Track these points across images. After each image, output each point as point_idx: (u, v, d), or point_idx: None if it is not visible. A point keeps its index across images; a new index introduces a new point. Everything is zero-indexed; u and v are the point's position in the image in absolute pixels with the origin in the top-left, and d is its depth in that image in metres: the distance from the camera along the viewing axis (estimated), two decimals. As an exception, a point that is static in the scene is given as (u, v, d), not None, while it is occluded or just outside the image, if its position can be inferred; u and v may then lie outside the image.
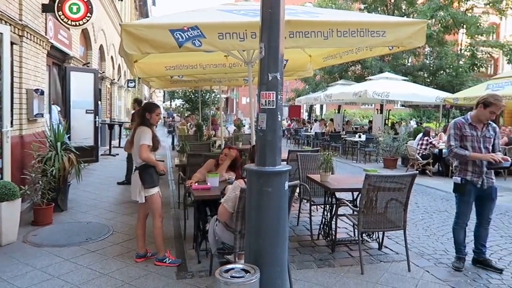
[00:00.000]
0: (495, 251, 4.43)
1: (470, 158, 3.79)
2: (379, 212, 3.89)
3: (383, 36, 3.89)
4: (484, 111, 3.77)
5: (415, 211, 6.23)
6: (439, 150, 9.90)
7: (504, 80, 12.36)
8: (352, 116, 31.18)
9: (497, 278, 3.71)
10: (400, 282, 3.55)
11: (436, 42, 19.65)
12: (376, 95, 13.12)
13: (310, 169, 5.45)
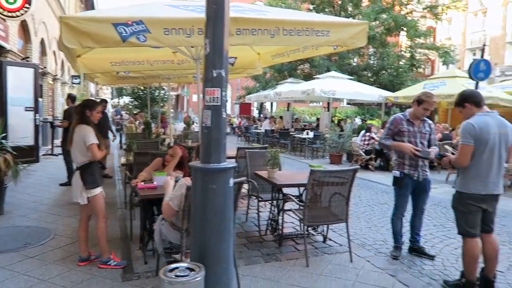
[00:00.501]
0: (428, 239, 4.75)
1: (392, 147, 4.11)
2: (324, 206, 4.04)
3: (327, 35, 4.03)
4: (418, 108, 4.03)
5: (358, 204, 6.52)
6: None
7: (439, 80, 13.25)
8: (301, 113, 31.86)
9: (430, 264, 3.99)
10: (342, 272, 3.71)
11: (379, 43, 20.60)
12: (323, 93, 13.54)
13: (259, 166, 5.51)
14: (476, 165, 3.17)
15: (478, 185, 3.18)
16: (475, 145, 3.13)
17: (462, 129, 3.21)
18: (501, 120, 3.24)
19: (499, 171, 3.21)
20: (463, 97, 3.36)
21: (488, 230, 3.33)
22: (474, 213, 3.22)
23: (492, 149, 3.14)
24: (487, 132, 3.12)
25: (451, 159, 3.42)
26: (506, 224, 5.49)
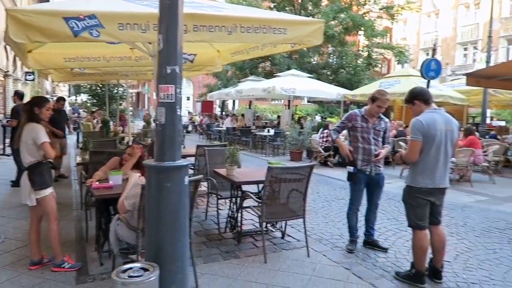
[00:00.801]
0: (382, 233, 4.92)
1: (336, 142, 4.39)
2: (282, 203, 4.09)
3: (284, 33, 4.07)
4: (373, 106, 4.16)
5: (317, 200, 6.65)
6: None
7: (394, 79, 13.76)
8: (263, 111, 32.07)
9: (383, 256, 4.14)
10: (300, 267, 3.77)
11: (338, 42, 21.07)
12: (284, 91, 13.70)
13: (218, 163, 5.50)
14: (424, 160, 3.32)
15: (426, 179, 3.34)
16: (423, 141, 3.28)
17: (412, 126, 3.35)
18: (448, 117, 3.40)
19: (445, 165, 3.37)
20: (412, 95, 3.51)
21: (436, 222, 3.49)
22: (422, 206, 3.38)
23: (439, 145, 3.30)
24: (434, 129, 3.27)
25: (402, 155, 3.57)
26: (455, 216, 5.78)
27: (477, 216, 5.84)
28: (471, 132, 8.68)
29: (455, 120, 3.46)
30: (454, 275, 3.70)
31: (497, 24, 31.62)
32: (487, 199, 7.02)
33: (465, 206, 6.42)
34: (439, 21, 37.61)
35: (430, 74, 8.49)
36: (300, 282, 3.46)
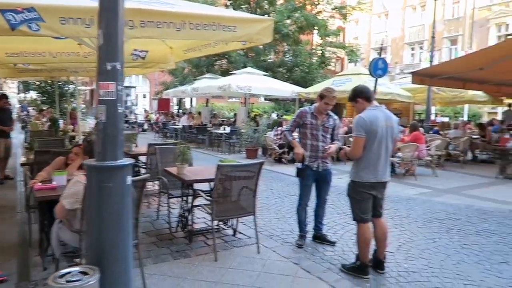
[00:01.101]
0: (331, 227, 5.06)
1: (291, 143, 4.43)
2: (232, 200, 4.10)
3: (234, 31, 4.07)
4: (321, 103, 4.26)
5: (270, 197, 6.72)
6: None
7: (345, 77, 14.15)
8: (220, 109, 31.98)
9: (331, 250, 4.26)
10: (250, 264, 3.81)
11: (293, 41, 21.40)
12: (239, 88, 13.72)
13: (170, 162, 5.41)
14: (367, 155, 3.45)
15: (369, 174, 3.47)
16: (366, 137, 3.41)
17: (355, 123, 3.47)
18: (388, 114, 3.56)
19: (386, 160, 3.53)
20: (355, 93, 3.63)
21: (378, 215, 3.65)
22: (366, 200, 3.51)
23: (380, 141, 3.44)
24: (376, 125, 3.41)
25: (346, 151, 3.69)
26: (399, 209, 6.05)
27: (420, 207, 6.15)
28: (416, 128, 9.12)
29: (395, 116, 3.62)
30: (397, 265, 3.88)
31: (441, 25, 33.40)
32: (430, 191, 7.42)
33: (409, 198, 6.74)
34: (389, 22, 39.14)
35: (377, 72, 8.83)
36: (249, 278, 3.49)
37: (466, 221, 5.44)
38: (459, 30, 32.86)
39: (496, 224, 5.31)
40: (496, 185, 8.23)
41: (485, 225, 5.26)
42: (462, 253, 4.24)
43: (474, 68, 10.79)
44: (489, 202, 6.62)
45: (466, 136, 11.36)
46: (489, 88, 14.41)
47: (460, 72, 11.58)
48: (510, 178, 8.70)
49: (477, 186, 8.06)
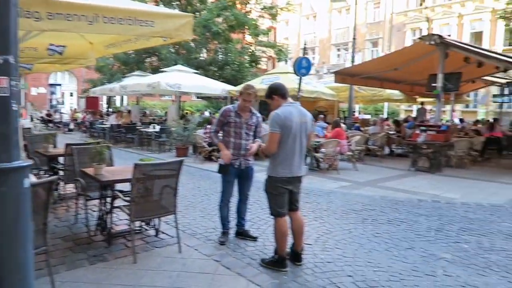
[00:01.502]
0: (255, 222, 5.14)
1: (218, 146, 4.39)
2: (152, 200, 4.00)
3: (151, 26, 3.97)
4: (240, 100, 4.30)
5: (196, 195, 6.67)
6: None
7: (274, 75, 14.46)
8: (153, 107, 31.12)
9: (252, 245, 4.32)
10: (170, 264, 3.74)
11: (224, 40, 21.41)
12: (169, 86, 13.44)
13: (90, 163, 5.14)
14: (283, 151, 3.55)
15: (285, 169, 3.58)
16: (281, 132, 3.50)
17: (271, 119, 3.55)
18: (302, 110, 3.69)
19: (301, 155, 3.66)
20: (271, 90, 3.72)
21: (294, 209, 3.77)
22: (282, 194, 3.62)
23: (295, 136, 3.56)
24: (291, 120, 3.51)
25: (262, 147, 3.76)
26: (320, 202, 6.32)
27: (339, 200, 6.47)
28: (338, 125, 9.59)
29: (309, 113, 3.76)
30: (314, 256, 4.04)
31: (363, 28, 35.45)
32: (350, 184, 7.84)
33: (330, 192, 7.07)
34: (317, 24, 40.71)
35: (301, 71, 9.13)
36: (168, 279, 3.43)
37: (380, 211, 5.83)
38: (379, 33, 35.10)
39: (406, 213, 5.76)
40: (408, 176, 8.93)
41: (396, 214, 5.68)
42: (374, 241, 4.54)
43: (390, 69, 11.62)
44: (401, 192, 7.15)
45: (384, 132, 12.18)
46: (404, 87, 15.60)
47: (378, 72, 12.40)
48: (420, 170, 9.49)
49: (392, 178, 8.68)
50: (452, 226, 5.16)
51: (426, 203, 6.42)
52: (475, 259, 4.07)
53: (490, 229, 5.07)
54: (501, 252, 4.29)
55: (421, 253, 4.19)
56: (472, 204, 6.38)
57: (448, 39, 9.49)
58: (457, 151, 10.04)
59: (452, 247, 4.40)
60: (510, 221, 5.48)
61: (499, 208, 6.17)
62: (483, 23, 29.81)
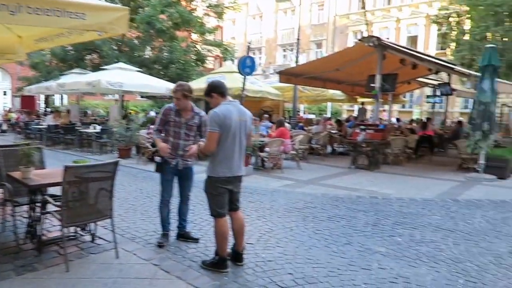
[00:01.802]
0: (198, 223, 5.07)
1: (155, 142, 4.36)
2: (87, 204, 3.80)
3: (82, 18, 3.74)
4: (173, 99, 4.22)
5: (138, 197, 6.47)
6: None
7: (219, 74, 14.44)
8: (95, 107, 29.78)
9: (194, 247, 4.25)
10: (105, 271, 3.58)
11: (169, 37, 20.98)
12: (110, 85, 12.90)
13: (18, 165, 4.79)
14: (222, 150, 3.52)
15: (224, 169, 3.54)
16: (221, 131, 3.46)
17: (209, 118, 3.50)
18: (242, 109, 3.67)
19: (240, 154, 3.65)
20: (210, 88, 3.67)
21: (235, 209, 3.76)
22: (222, 194, 3.58)
23: (234, 135, 3.54)
24: (230, 119, 3.48)
25: (201, 147, 3.71)
26: (264, 201, 6.37)
27: (282, 199, 6.57)
28: (282, 124, 9.74)
29: (248, 112, 3.75)
30: (255, 255, 4.05)
31: (308, 29, 36.36)
32: (293, 183, 7.99)
33: (274, 190, 7.16)
34: (263, 24, 41.13)
35: (245, 70, 9.15)
36: (103, 287, 3.28)
37: (321, 209, 5.99)
38: (323, 35, 36.17)
39: (345, 210, 5.96)
40: (349, 174, 9.28)
41: (336, 211, 5.86)
42: (314, 238, 4.64)
43: (332, 69, 11.99)
44: (341, 190, 7.41)
45: (326, 131, 12.56)
46: (345, 88, 16.19)
47: (321, 72, 12.75)
48: (360, 168, 9.89)
49: (334, 176, 8.97)
50: (387, 221, 5.42)
51: (364, 199, 6.70)
52: (407, 251, 4.30)
53: (421, 222, 5.39)
54: (430, 243, 4.57)
55: (358, 248, 4.35)
56: (406, 199, 6.75)
57: (385, 41, 9.96)
58: (394, 149, 10.59)
59: (387, 241, 4.62)
60: (439, 214, 5.87)
61: (430, 202, 6.58)
62: (418, 27, 31.77)
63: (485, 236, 4.88)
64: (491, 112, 8.86)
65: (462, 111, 30.26)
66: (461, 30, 19.89)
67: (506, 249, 4.44)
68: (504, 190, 7.80)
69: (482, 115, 8.77)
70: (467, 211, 6.09)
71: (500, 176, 8.86)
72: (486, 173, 8.86)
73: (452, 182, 8.43)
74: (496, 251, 4.37)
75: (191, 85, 4.39)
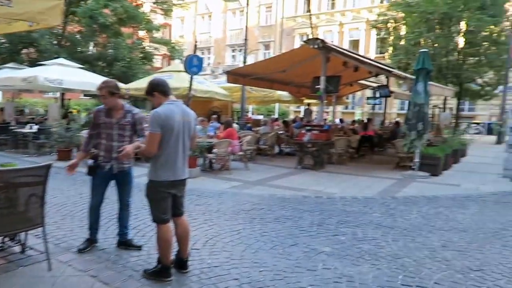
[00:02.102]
0: (141, 229, 4.87)
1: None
2: (16, 211, 3.50)
3: (8, 6, 3.46)
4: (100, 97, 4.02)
5: (77, 203, 6.06)
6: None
7: (167, 73, 14.13)
8: (34, 105, 27.92)
9: (136, 255, 4.04)
10: (37, 284, 3.32)
11: (114, 33, 20.21)
12: (48, 82, 12.14)
13: None
14: (164, 152, 3.37)
15: (167, 172, 3.40)
16: (162, 132, 3.31)
17: (150, 118, 3.34)
18: (185, 109, 3.54)
19: (184, 157, 3.52)
20: (151, 87, 3.52)
21: (179, 214, 3.63)
22: (165, 199, 3.44)
23: (178, 137, 3.40)
24: (173, 120, 3.34)
25: (141, 149, 3.55)
26: (211, 204, 6.27)
27: (230, 201, 6.50)
28: (229, 125, 9.69)
29: (192, 112, 3.63)
30: (201, 261, 3.94)
31: (257, 31, 36.62)
32: (241, 184, 7.96)
33: (222, 192, 7.08)
34: (212, 23, 40.85)
35: (192, 69, 8.97)
36: (34, 302, 3.03)
37: (268, 210, 6.01)
38: (271, 37, 36.62)
39: (292, 210, 6.02)
40: (295, 174, 9.42)
41: (283, 212, 5.90)
42: (261, 241, 4.63)
43: (279, 70, 12.12)
44: (288, 190, 7.49)
45: (274, 132, 12.69)
46: (292, 89, 16.47)
47: (268, 73, 12.85)
48: (306, 168, 10.08)
49: (281, 176, 9.06)
50: (331, 220, 5.54)
51: (310, 199, 6.82)
52: (350, 250, 4.41)
53: (363, 220, 5.57)
54: (372, 241, 4.73)
55: (304, 249, 4.39)
56: (349, 197, 6.97)
57: (329, 43, 10.22)
58: (338, 149, 10.91)
59: (331, 240, 4.71)
60: (379, 211, 6.11)
61: (371, 200, 6.84)
62: (359, 32, 33.16)
63: (421, 231, 5.14)
64: (425, 113, 9.38)
65: (399, 112, 32.02)
66: (397, 36, 21.04)
67: (439, 243, 4.70)
68: (436, 186, 8.30)
69: (417, 116, 9.26)
70: (405, 207, 6.39)
71: (433, 173, 9.43)
72: (420, 170, 9.38)
73: (390, 180, 8.83)
74: (431, 245, 4.61)
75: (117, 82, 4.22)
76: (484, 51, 19.33)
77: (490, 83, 21.43)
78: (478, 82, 21.24)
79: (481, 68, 19.41)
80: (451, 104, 24.15)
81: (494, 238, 4.93)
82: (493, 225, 5.50)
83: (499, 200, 7.15)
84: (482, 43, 19.28)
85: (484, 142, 21.51)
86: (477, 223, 5.60)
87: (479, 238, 4.93)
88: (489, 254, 4.38)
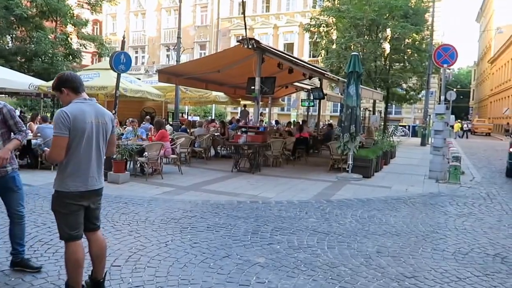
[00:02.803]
0: (53, 244, 4.24)
1: None
2: None
3: None
4: None
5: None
6: (27, 141, 9.14)
7: (94, 71, 13.23)
8: None
9: (43, 277, 3.48)
10: None
11: (33, 27, 18.63)
12: None
13: None
14: (74, 159, 2.88)
15: (77, 182, 2.91)
16: (71, 136, 2.83)
17: (55, 119, 2.84)
18: (100, 109, 3.07)
19: (99, 164, 3.05)
20: (60, 81, 3.00)
21: (94, 228, 3.15)
22: (75, 213, 2.94)
23: (90, 141, 2.93)
24: (84, 121, 2.88)
25: (46, 154, 3.02)
26: (139, 212, 5.76)
27: (160, 208, 6.02)
28: (161, 126, 9.15)
29: (108, 112, 3.17)
30: (121, 281, 3.48)
31: (192, 30, 35.91)
32: (173, 189, 7.49)
33: (152, 199, 6.57)
34: (146, 21, 39.37)
35: (119, 67, 8.31)
36: None
37: (200, 217, 5.62)
38: (207, 37, 36.10)
39: (225, 217, 5.69)
40: (231, 178, 9.13)
41: (216, 219, 5.55)
42: (191, 253, 4.24)
43: (213, 70, 11.78)
44: (223, 195, 7.17)
45: (209, 134, 12.30)
46: (227, 90, 16.22)
47: (201, 73, 12.46)
48: (242, 171, 9.85)
49: (216, 180, 8.71)
50: (267, 227, 5.30)
51: (245, 204, 6.54)
52: (285, 259, 4.18)
53: (299, 226, 5.40)
54: (307, 249, 4.54)
55: (237, 261, 4.08)
56: (285, 202, 6.80)
57: (263, 44, 10.07)
58: (274, 151, 10.80)
59: (266, 250, 4.46)
60: (315, 216, 5.99)
61: (307, 204, 6.73)
62: (293, 35, 33.89)
63: (356, 237, 5.07)
64: (357, 115, 9.58)
65: (332, 115, 33.18)
66: (329, 39, 21.69)
67: (374, 249, 4.64)
68: (369, 188, 8.46)
69: (350, 118, 9.42)
70: (339, 211, 6.35)
71: (365, 175, 9.65)
72: (353, 172, 9.55)
73: (325, 183, 8.86)
74: (365, 252, 4.53)
75: None
76: (408, 57, 20.56)
77: (414, 88, 22.88)
78: (403, 86, 22.56)
79: (406, 73, 20.62)
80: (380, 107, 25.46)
81: (425, 242, 4.99)
82: (424, 227, 5.61)
83: (427, 202, 7.41)
84: (406, 50, 20.51)
85: (410, 143, 22.87)
86: (409, 225, 5.68)
87: (411, 242, 4.96)
88: (421, 259, 4.38)
